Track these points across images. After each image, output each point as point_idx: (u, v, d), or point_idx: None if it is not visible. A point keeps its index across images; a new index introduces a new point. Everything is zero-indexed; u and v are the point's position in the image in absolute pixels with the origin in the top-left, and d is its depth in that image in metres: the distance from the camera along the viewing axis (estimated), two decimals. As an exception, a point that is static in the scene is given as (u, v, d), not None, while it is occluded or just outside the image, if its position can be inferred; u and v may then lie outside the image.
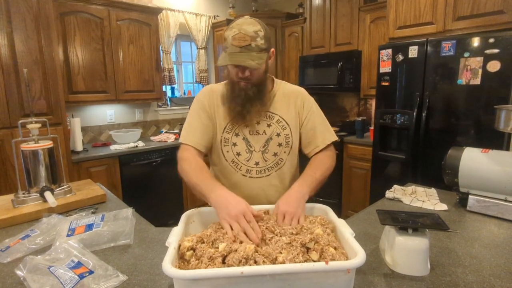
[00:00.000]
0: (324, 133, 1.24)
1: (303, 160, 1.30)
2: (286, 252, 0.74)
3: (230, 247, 0.75)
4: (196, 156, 1.16)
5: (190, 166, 1.12)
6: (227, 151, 1.21)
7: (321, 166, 1.17)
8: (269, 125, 1.21)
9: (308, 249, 0.76)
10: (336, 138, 1.26)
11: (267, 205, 1.03)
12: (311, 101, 1.28)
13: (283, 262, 0.71)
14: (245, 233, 0.83)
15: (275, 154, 1.22)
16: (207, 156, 1.30)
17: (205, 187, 1.02)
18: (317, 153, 1.23)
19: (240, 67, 1.09)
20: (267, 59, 1.12)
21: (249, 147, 1.21)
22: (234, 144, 1.21)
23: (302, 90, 1.30)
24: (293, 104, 1.25)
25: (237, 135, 1.21)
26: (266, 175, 1.23)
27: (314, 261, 0.72)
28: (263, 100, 1.17)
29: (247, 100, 1.13)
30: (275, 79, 1.29)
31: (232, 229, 0.85)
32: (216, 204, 0.95)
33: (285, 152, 1.24)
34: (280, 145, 1.22)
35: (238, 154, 1.21)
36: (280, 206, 0.95)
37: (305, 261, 0.73)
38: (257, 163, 1.22)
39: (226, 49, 1.07)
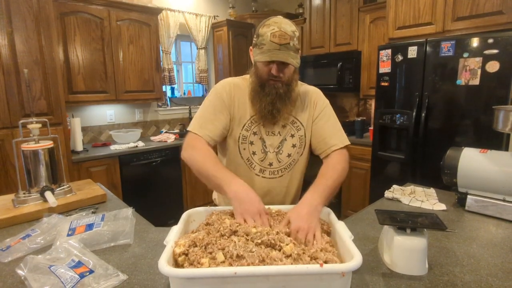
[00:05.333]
0: (337, 135, 1.21)
1: (312, 161, 1.30)
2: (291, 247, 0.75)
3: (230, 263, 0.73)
4: (207, 146, 1.12)
5: (203, 155, 1.07)
6: (244, 149, 1.20)
7: (333, 173, 1.10)
8: (284, 126, 1.20)
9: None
10: (349, 142, 1.22)
11: (281, 206, 1.03)
12: (325, 102, 1.26)
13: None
14: None
15: (289, 155, 1.22)
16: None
17: (223, 178, 0.99)
18: (328, 155, 1.18)
19: (277, 65, 1.06)
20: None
21: (264, 148, 1.20)
22: (251, 143, 1.19)
23: (317, 90, 1.28)
24: (306, 103, 1.24)
25: (255, 133, 1.19)
26: (278, 176, 1.22)
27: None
28: (292, 98, 1.15)
29: (278, 98, 1.11)
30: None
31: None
32: (235, 197, 0.94)
33: (298, 153, 1.23)
34: (294, 146, 1.22)
35: (254, 153, 1.20)
36: (293, 222, 0.88)
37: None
38: (271, 164, 1.21)
39: (262, 45, 1.04)
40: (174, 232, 0.84)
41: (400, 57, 2.54)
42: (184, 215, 0.96)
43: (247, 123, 1.19)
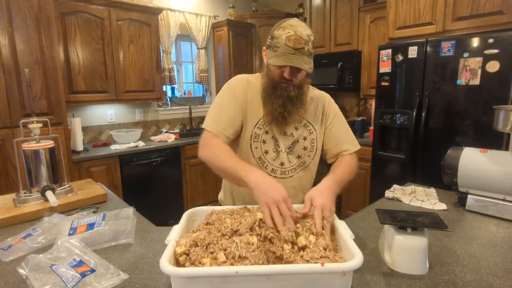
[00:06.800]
0: (351, 140, 1.27)
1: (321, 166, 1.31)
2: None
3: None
4: (224, 143, 1.11)
5: (221, 150, 1.07)
6: (256, 147, 1.19)
7: (348, 167, 1.18)
8: (296, 128, 1.21)
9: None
10: (360, 146, 1.29)
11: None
12: (336, 108, 1.30)
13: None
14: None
15: (299, 157, 1.22)
16: None
17: (242, 168, 0.97)
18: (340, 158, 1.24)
19: (290, 69, 1.06)
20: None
21: (276, 147, 1.20)
22: (264, 142, 1.19)
23: (327, 95, 1.30)
24: (319, 109, 1.25)
25: (267, 132, 1.19)
26: (289, 176, 1.23)
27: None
28: (303, 101, 1.16)
29: (289, 101, 1.12)
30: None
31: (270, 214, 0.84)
32: (257, 186, 0.90)
33: (309, 156, 1.24)
34: (305, 148, 1.22)
35: (266, 152, 1.20)
36: (317, 199, 0.91)
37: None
38: (282, 164, 1.21)
39: (277, 48, 1.05)
40: (175, 231, 0.84)
41: (400, 57, 2.54)
42: (185, 215, 0.96)
43: (260, 121, 1.18)
